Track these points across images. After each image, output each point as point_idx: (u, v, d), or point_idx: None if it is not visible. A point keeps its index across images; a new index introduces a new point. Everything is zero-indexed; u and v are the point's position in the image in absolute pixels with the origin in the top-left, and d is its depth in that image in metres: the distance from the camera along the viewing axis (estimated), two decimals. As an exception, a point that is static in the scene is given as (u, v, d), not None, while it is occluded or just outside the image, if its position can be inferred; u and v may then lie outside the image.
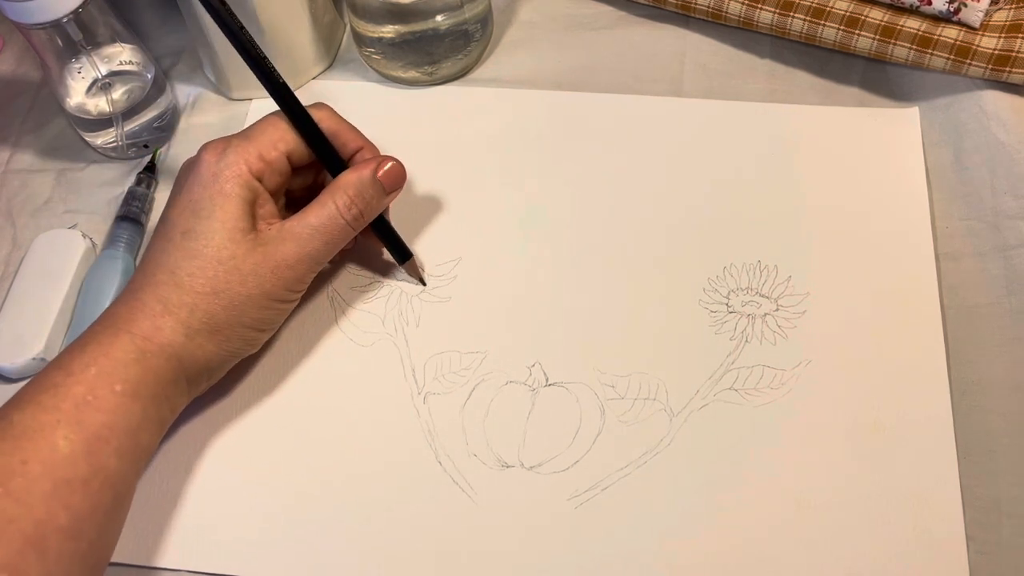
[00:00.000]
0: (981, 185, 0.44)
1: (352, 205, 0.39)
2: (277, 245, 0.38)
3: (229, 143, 0.39)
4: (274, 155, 0.39)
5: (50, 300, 0.44)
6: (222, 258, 0.37)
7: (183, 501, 0.40)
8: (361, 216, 0.40)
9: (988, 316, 0.41)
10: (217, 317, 0.37)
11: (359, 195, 0.40)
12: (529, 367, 0.42)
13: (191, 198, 0.38)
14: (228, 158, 0.38)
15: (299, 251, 0.39)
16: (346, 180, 0.40)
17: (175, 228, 0.38)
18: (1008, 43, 0.44)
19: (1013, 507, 0.37)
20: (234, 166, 0.38)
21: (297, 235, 0.39)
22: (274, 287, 0.38)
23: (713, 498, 0.38)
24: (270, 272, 0.38)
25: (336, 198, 0.39)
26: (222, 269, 0.37)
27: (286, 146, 0.40)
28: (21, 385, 0.42)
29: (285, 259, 0.38)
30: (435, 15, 0.48)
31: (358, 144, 0.42)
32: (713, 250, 0.44)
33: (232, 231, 0.38)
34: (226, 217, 0.38)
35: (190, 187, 0.38)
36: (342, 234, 0.40)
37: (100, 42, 0.47)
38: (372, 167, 0.40)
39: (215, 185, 0.38)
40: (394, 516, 0.39)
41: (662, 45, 0.52)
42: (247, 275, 0.38)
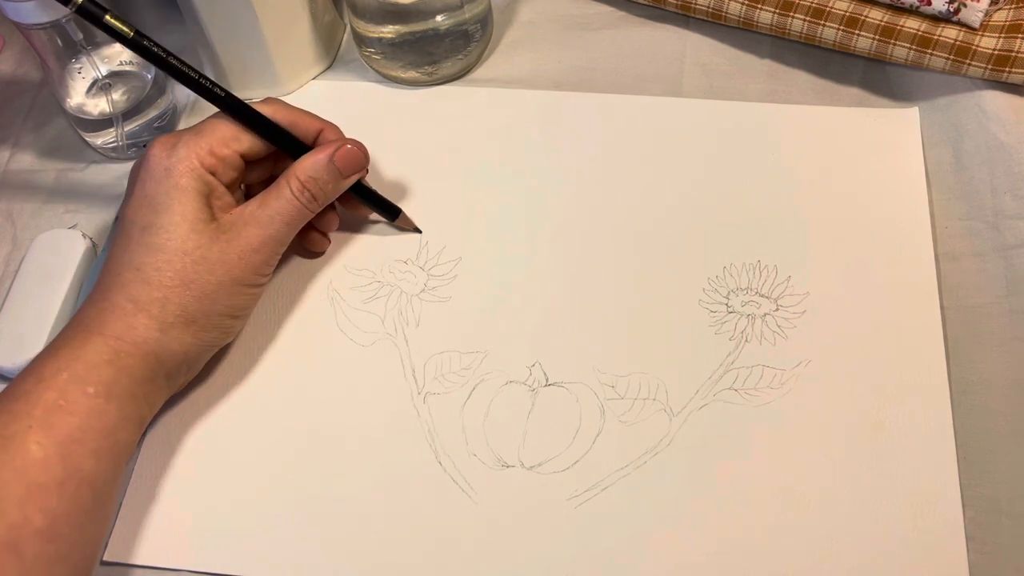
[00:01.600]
0: (981, 185, 0.44)
1: (304, 189, 0.40)
2: (240, 230, 0.39)
3: (180, 138, 0.39)
4: (226, 152, 0.40)
5: (50, 300, 0.44)
6: (187, 249, 0.37)
7: (183, 501, 0.40)
8: (315, 199, 0.41)
9: (988, 316, 0.41)
10: (190, 308, 0.38)
11: (312, 180, 0.40)
12: (529, 367, 0.42)
13: (145, 193, 0.38)
14: (179, 152, 0.38)
15: (262, 234, 0.39)
16: (301, 165, 0.40)
17: (134, 225, 0.38)
18: (1008, 43, 0.44)
19: (1013, 507, 0.37)
20: (186, 160, 0.38)
21: (257, 219, 0.39)
22: (243, 272, 0.39)
23: (713, 498, 0.38)
24: (237, 258, 0.38)
25: (291, 183, 0.40)
26: (189, 260, 0.37)
27: (239, 145, 0.40)
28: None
29: (250, 243, 0.39)
30: (435, 15, 0.48)
31: (318, 126, 0.42)
32: (713, 250, 0.44)
33: (193, 222, 0.38)
34: (185, 210, 0.38)
35: (143, 183, 0.39)
36: (299, 215, 0.40)
37: (100, 42, 0.47)
38: (328, 151, 0.41)
39: (169, 180, 0.38)
40: (394, 516, 0.39)
41: (662, 45, 0.52)
42: (214, 263, 0.38)
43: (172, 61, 0.39)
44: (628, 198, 0.46)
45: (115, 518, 0.39)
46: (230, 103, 0.40)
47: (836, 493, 0.38)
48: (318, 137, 0.43)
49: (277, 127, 0.41)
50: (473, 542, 0.38)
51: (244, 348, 0.43)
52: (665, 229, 0.45)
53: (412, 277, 0.45)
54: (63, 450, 0.33)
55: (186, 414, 0.41)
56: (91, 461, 0.34)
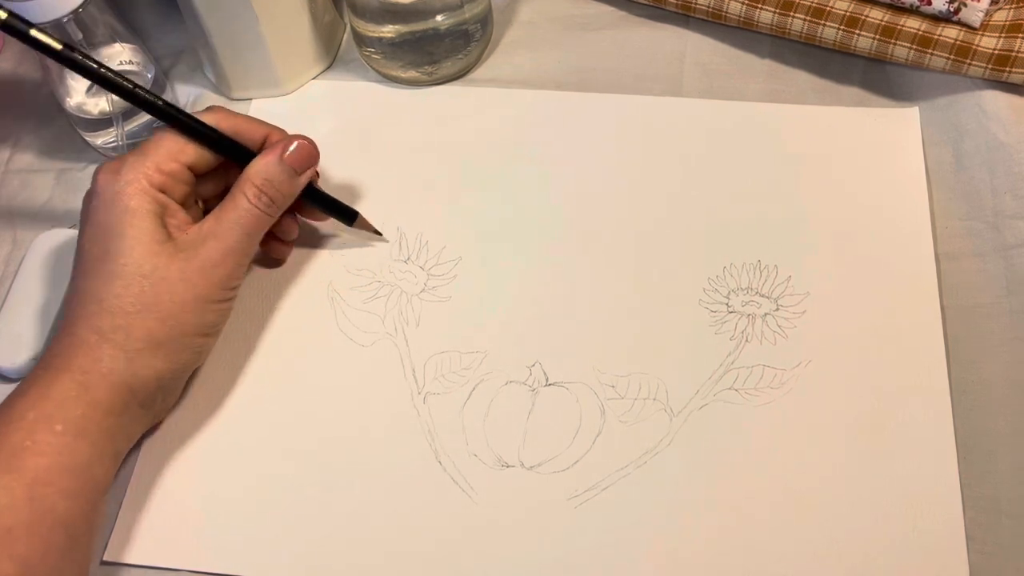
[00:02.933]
0: (981, 185, 0.44)
1: (261, 194, 0.39)
2: (198, 247, 0.38)
3: (124, 161, 0.38)
4: (174, 167, 0.39)
5: (50, 300, 0.44)
6: (144, 272, 0.36)
7: (182, 501, 0.40)
8: (273, 202, 0.40)
9: (988, 316, 0.41)
10: (156, 332, 0.37)
11: (266, 182, 0.39)
12: (529, 367, 0.42)
13: (97, 222, 0.37)
14: (125, 176, 0.37)
15: (222, 247, 0.38)
16: (253, 169, 0.39)
17: (89, 255, 0.37)
18: (1008, 43, 0.44)
19: (1013, 507, 0.37)
20: (133, 182, 0.37)
21: (216, 233, 0.38)
22: (207, 289, 0.38)
23: (713, 498, 0.38)
24: (198, 275, 0.37)
25: (245, 189, 0.39)
26: (147, 283, 0.36)
27: (186, 157, 0.39)
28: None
29: (210, 258, 0.38)
30: (435, 15, 0.48)
31: (263, 131, 0.42)
32: (713, 250, 0.44)
33: (149, 243, 0.37)
34: (139, 232, 0.37)
35: (94, 212, 0.38)
36: (259, 222, 0.40)
37: (100, 42, 0.47)
38: (278, 151, 0.40)
39: (119, 204, 0.37)
40: (394, 516, 0.39)
41: (662, 45, 0.52)
42: (175, 283, 0.37)
43: (105, 72, 0.38)
44: (628, 198, 0.46)
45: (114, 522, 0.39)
46: (170, 113, 0.39)
47: (836, 493, 0.38)
48: (264, 142, 0.42)
49: (221, 135, 0.40)
50: (473, 542, 0.38)
51: (244, 348, 0.43)
52: (665, 229, 0.45)
53: (412, 277, 0.45)
54: (31, 492, 0.32)
55: (186, 414, 0.41)
56: (63, 501, 0.33)
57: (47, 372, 0.36)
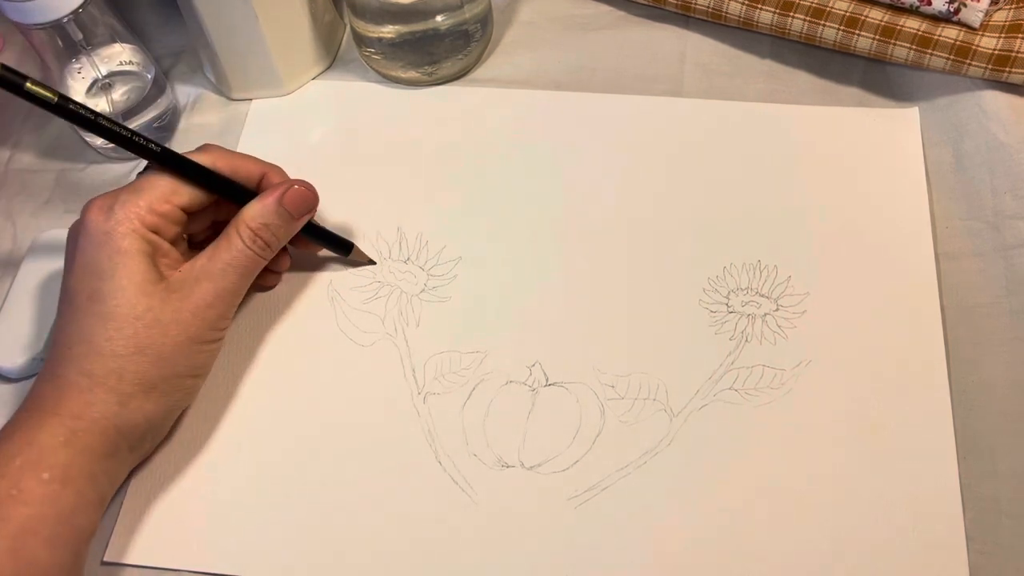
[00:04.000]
0: (981, 185, 0.44)
1: (257, 237, 0.38)
2: (192, 287, 0.37)
3: (116, 198, 0.37)
4: (166, 208, 0.38)
5: (50, 300, 0.44)
6: (138, 313, 0.36)
7: (182, 501, 0.40)
8: (268, 246, 0.39)
9: (988, 316, 0.41)
10: (148, 375, 0.36)
11: (263, 226, 0.39)
12: (529, 367, 0.42)
13: (86, 261, 0.36)
14: (117, 215, 0.37)
15: (215, 288, 0.38)
16: (250, 212, 0.39)
17: (79, 294, 0.36)
18: (1008, 43, 0.44)
19: (1013, 507, 0.37)
20: (125, 222, 0.37)
21: (210, 273, 0.38)
22: (198, 330, 0.37)
23: (713, 498, 0.38)
24: (191, 316, 0.37)
25: (241, 231, 0.38)
26: (141, 324, 0.36)
27: (180, 199, 0.38)
28: (21, 385, 0.43)
29: (204, 299, 0.37)
30: (435, 15, 0.48)
31: (260, 170, 0.41)
32: (713, 250, 0.44)
33: (141, 284, 0.36)
34: (130, 273, 0.36)
35: (83, 250, 0.37)
36: (253, 264, 0.39)
37: (100, 42, 0.47)
38: (276, 195, 0.39)
39: (110, 244, 0.36)
40: (394, 516, 0.39)
41: (662, 45, 0.52)
42: (168, 324, 0.36)
43: (102, 122, 0.37)
44: (628, 198, 0.46)
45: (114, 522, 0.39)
46: (167, 158, 0.38)
47: (836, 493, 0.38)
48: (261, 181, 0.41)
49: (218, 176, 0.39)
50: (473, 542, 0.38)
51: (244, 348, 0.43)
52: (665, 229, 0.45)
53: (412, 277, 0.45)
54: (15, 544, 0.32)
55: (186, 414, 0.41)
56: (46, 551, 0.32)
57: (33, 415, 0.35)
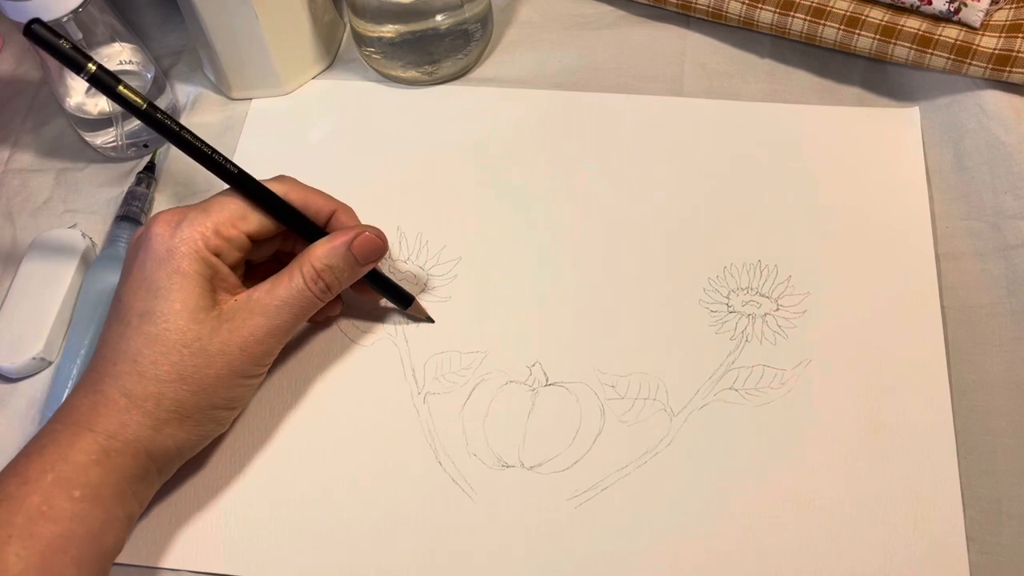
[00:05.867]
0: (981, 185, 0.44)
1: (319, 279, 0.38)
2: (244, 319, 0.36)
3: (184, 216, 0.37)
4: (233, 232, 0.37)
5: (50, 300, 0.44)
6: (186, 341, 0.35)
7: (183, 501, 0.40)
8: (328, 289, 0.38)
9: (988, 316, 0.41)
10: (186, 404, 0.36)
11: (327, 268, 0.38)
12: (529, 367, 0.42)
13: (144, 276, 0.36)
14: (183, 233, 0.36)
15: (267, 325, 0.37)
16: (317, 252, 0.38)
17: (131, 310, 0.36)
18: (1008, 43, 0.44)
19: (1013, 507, 0.37)
20: (190, 242, 0.36)
21: (265, 307, 0.37)
22: (243, 364, 0.36)
23: (713, 498, 0.38)
24: (238, 350, 0.36)
25: (304, 270, 0.37)
26: (187, 352, 0.35)
27: (247, 225, 0.38)
28: (21, 385, 0.43)
29: (253, 334, 0.36)
30: (435, 15, 0.48)
31: (331, 207, 0.40)
32: (713, 250, 0.44)
33: (194, 311, 0.35)
34: (186, 297, 0.35)
35: (142, 263, 0.36)
36: (310, 305, 0.38)
37: (100, 42, 0.47)
38: (347, 239, 0.38)
39: (171, 262, 0.36)
40: (394, 516, 0.39)
41: (662, 45, 0.52)
42: (214, 356, 0.36)
43: (185, 135, 0.36)
44: (628, 198, 0.46)
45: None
46: (242, 180, 0.37)
47: (836, 493, 0.38)
48: (331, 219, 0.40)
49: (290, 207, 0.38)
50: (473, 542, 0.38)
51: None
52: (665, 229, 0.45)
53: (412, 277, 0.45)
54: (44, 561, 0.32)
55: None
56: (73, 570, 0.32)
57: (68, 428, 0.34)
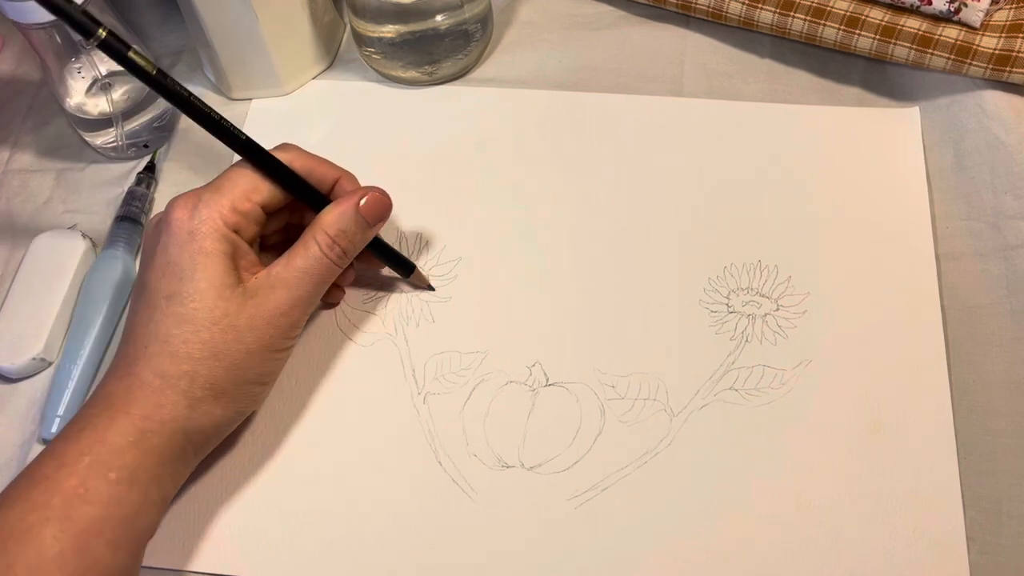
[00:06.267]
0: (981, 185, 0.44)
1: (334, 244, 0.38)
2: (268, 294, 0.37)
3: (200, 198, 0.37)
4: (248, 206, 0.38)
5: (50, 300, 0.44)
6: (215, 318, 0.36)
7: (183, 502, 0.40)
8: (345, 254, 0.39)
9: (988, 316, 0.41)
10: (220, 380, 0.36)
11: (341, 233, 0.38)
12: (529, 367, 0.42)
13: (168, 260, 0.36)
14: (201, 214, 0.37)
15: (291, 296, 0.37)
16: (327, 219, 0.38)
17: (157, 293, 0.36)
18: (1008, 43, 0.44)
19: (1013, 507, 0.37)
20: (209, 221, 0.36)
21: (285, 280, 0.37)
22: (272, 338, 0.37)
23: (713, 498, 0.38)
24: (265, 323, 0.37)
25: (319, 238, 0.38)
26: (217, 329, 0.36)
27: (260, 196, 0.38)
28: (21, 385, 0.43)
29: (279, 307, 0.37)
30: (435, 15, 0.48)
31: (335, 175, 0.40)
32: (713, 250, 0.44)
33: (220, 288, 0.36)
34: (211, 275, 0.36)
35: (165, 247, 0.37)
36: (329, 273, 0.39)
37: (100, 42, 0.47)
38: (353, 201, 0.39)
39: (193, 243, 0.36)
40: (394, 516, 0.39)
41: (662, 45, 0.52)
42: (243, 331, 0.36)
43: (194, 101, 0.37)
44: (628, 198, 0.46)
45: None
46: (251, 148, 0.38)
47: (836, 493, 0.38)
48: (335, 186, 0.40)
49: (296, 176, 0.39)
50: (473, 542, 0.38)
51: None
52: (665, 229, 0.45)
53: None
54: (80, 543, 0.32)
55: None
56: (109, 553, 0.33)
57: (104, 412, 0.35)
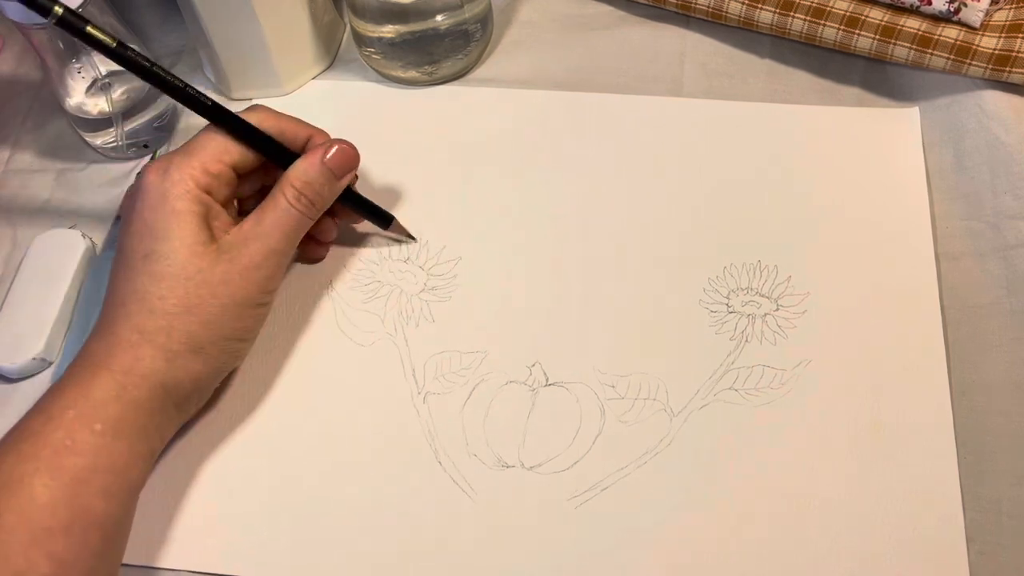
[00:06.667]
0: (981, 185, 0.44)
1: (301, 195, 0.39)
2: (240, 249, 0.38)
3: (171, 161, 0.38)
4: (219, 167, 0.39)
5: (50, 300, 0.44)
6: (189, 274, 0.37)
7: (183, 501, 0.40)
8: (312, 204, 0.40)
9: (988, 316, 0.41)
10: (197, 335, 0.37)
11: (307, 185, 0.39)
12: (529, 367, 0.42)
13: (143, 221, 0.37)
14: (172, 176, 0.38)
15: (263, 248, 0.38)
16: (294, 172, 0.39)
17: (135, 253, 0.37)
18: (1008, 43, 0.44)
19: (1013, 507, 0.37)
20: (180, 183, 0.38)
21: (257, 234, 0.38)
22: (247, 292, 0.38)
23: (713, 498, 0.38)
24: (239, 277, 0.38)
25: (286, 191, 0.39)
26: (191, 284, 0.37)
27: (230, 158, 0.39)
28: (21, 385, 0.43)
29: (252, 260, 0.38)
30: (435, 15, 0.48)
31: (306, 133, 0.42)
32: (713, 250, 0.44)
33: (193, 245, 0.37)
34: (184, 234, 0.37)
35: (140, 211, 0.38)
36: (298, 224, 0.40)
37: (100, 42, 0.47)
38: (319, 153, 0.40)
39: (166, 205, 0.37)
40: (394, 516, 0.39)
41: (662, 45, 0.52)
42: (217, 286, 0.37)
43: (157, 70, 0.38)
44: (628, 198, 0.46)
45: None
46: (217, 112, 0.39)
47: (836, 493, 0.38)
48: (307, 144, 0.42)
49: (266, 136, 0.40)
50: (473, 542, 0.38)
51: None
52: (665, 229, 0.45)
53: (412, 277, 0.45)
54: (70, 492, 0.33)
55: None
56: (100, 502, 0.33)
57: (86, 369, 0.36)
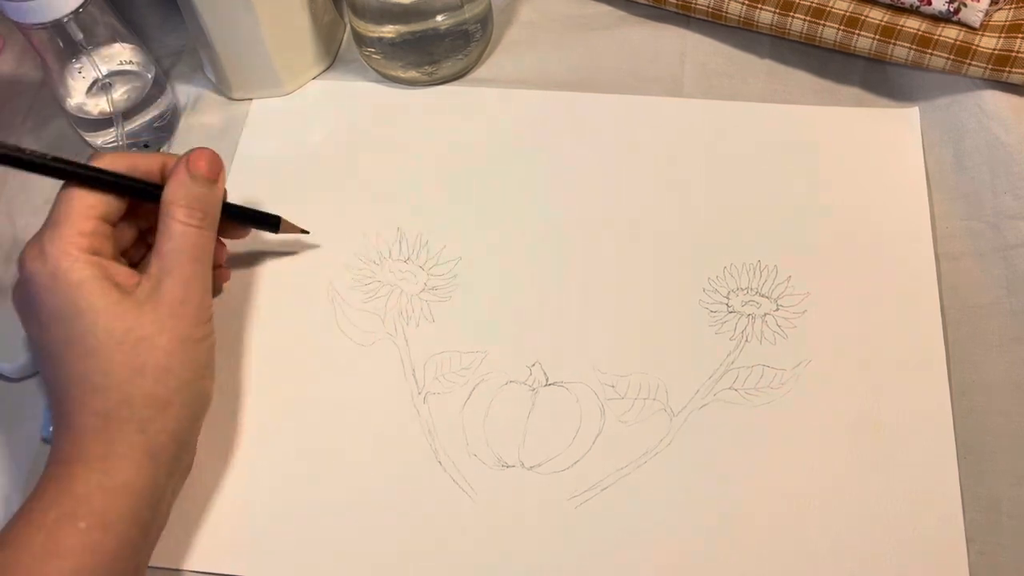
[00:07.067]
0: (981, 185, 0.44)
1: (190, 212, 0.37)
2: (157, 290, 0.36)
3: (42, 239, 0.36)
4: (92, 224, 0.36)
5: (50, 300, 0.44)
6: (119, 337, 0.34)
7: (183, 501, 0.39)
8: (205, 215, 0.38)
9: (988, 316, 0.41)
10: (157, 393, 0.35)
11: (189, 199, 0.37)
12: (529, 367, 0.42)
13: (47, 310, 0.35)
14: (52, 253, 0.35)
15: (179, 280, 0.36)
16: (171, 194, 0.37)
17: (55, 344, 0.35)
18: (1008, 43, 0.44)
19: (1013, 507, 0.37)
20: (65, 256, 0.35)
21: (166, 269, 0.36)
22: (184, 330, 0.36)
23: (713, 498, 0.38)
24: (170, 318, 0.36)
25: (174, 215, 0.37)
26: (126, 346, 0.34)
27: (98, 210, 0.37)
28: (21, 385, 0.43)
29: (174, 296, 0.36)
30: (435, 15, 0.48)
31: (159, 161, 0.40)
32: (713, 250, 0.44)
33: (108, 308, 0.35)
34: (94, 301, 0.35)
35: (40, 305, 0.35)
36: (200, 241, 0.38)
37: (100, 42, 0.47)
38: (182, 166, 0.38)
39: (59, 284, 0.35)
40: (394, 516, 0.39)
41: (662, 45, 0.52)
42: (154, 336, 0.35)
43: None
44: (628, 198, 0.46)
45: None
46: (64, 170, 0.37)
47: (836, 493, 0.38)
48: (162, 170, 0.39)
49: (124, 176, 0.38)
50: (473, 542, 0.38)
51: (244, 348, 0.43)
52: (665, 229, 0.45)
53: (412, 277, 0.45)
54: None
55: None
56: None
57: (61, 468, 0.34)
